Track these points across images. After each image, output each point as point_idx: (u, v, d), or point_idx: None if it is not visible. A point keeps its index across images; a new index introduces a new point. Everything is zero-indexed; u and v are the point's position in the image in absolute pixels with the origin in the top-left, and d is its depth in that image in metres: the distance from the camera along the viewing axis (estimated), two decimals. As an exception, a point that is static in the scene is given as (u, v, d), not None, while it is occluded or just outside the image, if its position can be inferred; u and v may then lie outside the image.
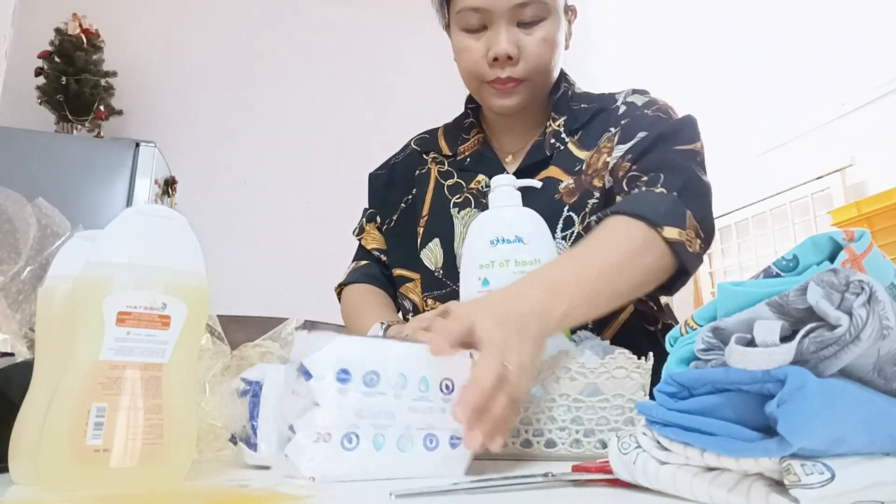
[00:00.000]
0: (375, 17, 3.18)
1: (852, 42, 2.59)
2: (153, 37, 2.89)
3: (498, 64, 0.87)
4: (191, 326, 0.49)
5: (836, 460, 0.33)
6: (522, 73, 0.87)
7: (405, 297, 1.02)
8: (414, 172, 1.06)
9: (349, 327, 1.05)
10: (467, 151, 1.02)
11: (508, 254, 0.73)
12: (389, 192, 1.07)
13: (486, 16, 0.86)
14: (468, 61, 0.89)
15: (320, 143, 3.01)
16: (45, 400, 0.45)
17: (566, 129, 0.95)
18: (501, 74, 0.87)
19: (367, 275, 1.07)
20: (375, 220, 1.09)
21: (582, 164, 0.92)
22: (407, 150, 1.11)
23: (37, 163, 2.22)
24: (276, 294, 2.49)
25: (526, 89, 0.90)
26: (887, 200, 2.12)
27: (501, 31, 0.85)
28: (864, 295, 0.33)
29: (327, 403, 0.47)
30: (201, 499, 0.42)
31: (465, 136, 1.03)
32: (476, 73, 0.89)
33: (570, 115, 0.96)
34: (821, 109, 2.71)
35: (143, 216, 0.49)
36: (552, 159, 0.94)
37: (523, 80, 0.88)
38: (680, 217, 0.76)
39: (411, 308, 1.02)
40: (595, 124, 0.95)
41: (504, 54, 0.85)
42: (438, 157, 1.05)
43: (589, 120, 0.95)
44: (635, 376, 0.63)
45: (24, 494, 0.43)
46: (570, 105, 0.97)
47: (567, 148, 0.95)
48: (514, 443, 0.64)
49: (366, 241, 1.10)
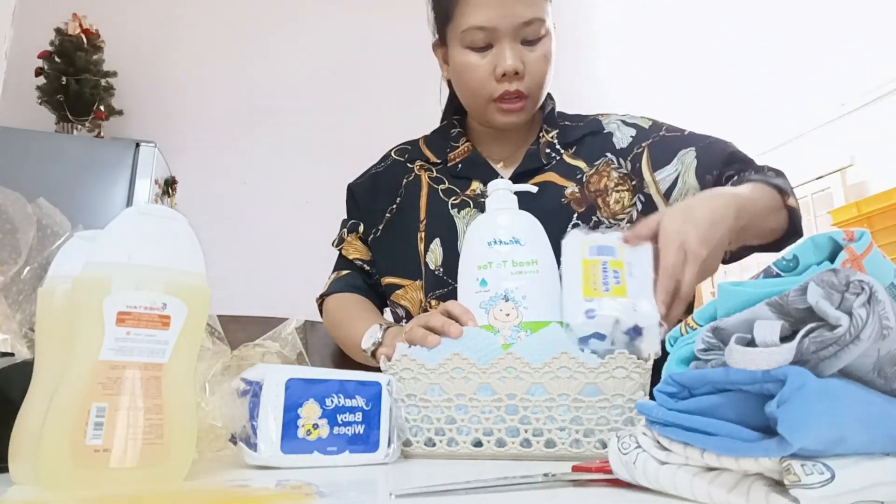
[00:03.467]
0: (376, 18, 3.18)
1: (852, 42, 2.59)
2: (153, 37, 2.89)
3: (506, 79, 0.90)
4: (191, 326, 0.49)
5: (836, 460, 0.33)
6: (527, 88, 0.92)
7: (397, 305, 1.03)
8: (399, 181, 1.07)
9: (336, 336, 1.06)
10: (458, 158, 1.04)
11: (506, 255, 0.74)
12: (374, 201, 1.08)
13: (491, 34, 0.89)
14: (475, 78, 0.92)
15: (320, 143, 3.01)
16: (45, 400, 0.45)
17: (560, 142, 1.01)
18: (511, 89, 0.91)
19: (350, 284, 1.07)
20: (358, 230, 1.09)
21: (582, 174, 0.98)
22: (388, 161, 1.11)
23: (37, 163, 2.22)
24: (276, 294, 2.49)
25: (529, 105, 0.95)
26: (887, 200, 2.12)
27: (509, 46, 0.89)
28: (864, 295, 0.33)
29: None
30: (201, 499, 0.42)
31: (453, 144, 1.05)
32: (483, 89, 0.92)
33: (561, 130, 1.02)
34: (821, 109, 2.71)
35: (143, 216, 0.49)
36: (548, 166, 0.99)
37: (527, 95, 0.93)
38: (793, 194, 0.90)
39: (404, 315, 1.02)
40: (588, 144, 1.01)
41: (512, 70, 0.89)
42: (426, 164, 1.06)
43: (580, 138, 1.01)
44: (635, 376, 0.63)
45: (24, 494, 0.43)
46: (557, 121, 1.04)
47: (563, 158, 1.00)
48: (514, 443, 0.64)
49: (346, 251, 1.09)
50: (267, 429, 0.54)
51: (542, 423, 0.64)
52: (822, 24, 2.73)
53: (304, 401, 0.56)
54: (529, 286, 0.73)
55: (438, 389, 0.65)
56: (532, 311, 0.72)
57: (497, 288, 0.73)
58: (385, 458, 0.59)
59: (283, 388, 0.55)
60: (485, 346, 0.67)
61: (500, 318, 0.72)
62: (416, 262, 0.99)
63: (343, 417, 0.58)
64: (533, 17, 0.89)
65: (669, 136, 0.99)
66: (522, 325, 0.71)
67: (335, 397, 0.58)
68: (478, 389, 0.65)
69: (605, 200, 0.96)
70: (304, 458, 0.55)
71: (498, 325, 0.71)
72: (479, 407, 0.65)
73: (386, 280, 1.03)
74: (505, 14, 0.88)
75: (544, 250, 0.76)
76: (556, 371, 0.63)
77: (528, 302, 0.72)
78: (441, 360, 0.65)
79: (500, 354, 0.65)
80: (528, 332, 0.70)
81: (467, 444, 0.65)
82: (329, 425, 0.57)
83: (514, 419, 0.64)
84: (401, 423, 0.62)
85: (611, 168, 0.98)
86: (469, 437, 0.65)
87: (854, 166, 2.57)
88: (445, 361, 0.65)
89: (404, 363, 0.66)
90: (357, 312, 1.00)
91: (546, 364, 0.63)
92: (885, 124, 2.46)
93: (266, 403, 0.55)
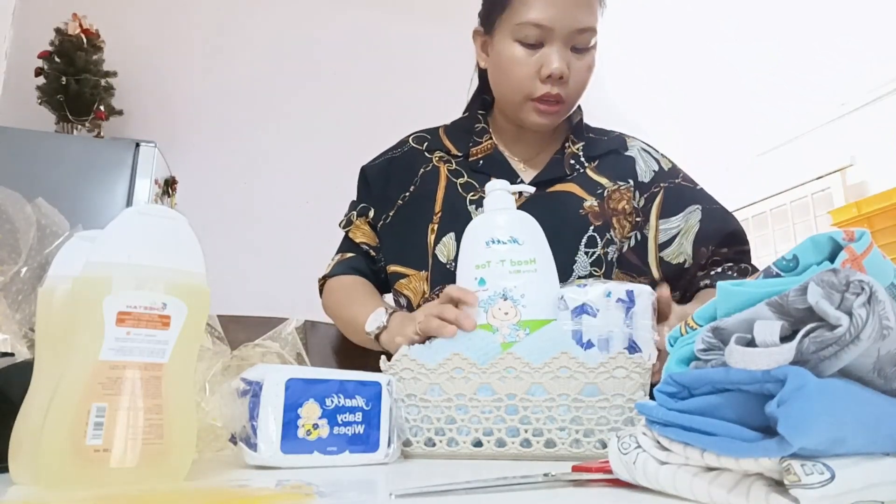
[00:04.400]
0: (378, 18, 3.18)
1: (852, 42, 2.59)
2: (153, 37, 2.89)
3: (550, 81, 0.91)
4: (191, 326, 0.49)
5: (836, 460, 0.33)
6: (566, 94, 0.92)
7: (400, 294, 1.03)
8: (415, 169, 1.06)
9: (337, 317, 1.05)
10: (480, 154, 1.03)
11: (504, 254, 0.74)
12: (387, 186, 1.07)
13: (546, 33, 0.89)
14: (519, 74, 0.92)
15: (320, 143, 3.01)
16: (45, 400, 0.45)
17: (584, 155, 1.03)
18: (552, 91, 0.91)
19: (353, 267, 1.07)
20: (367, 214, 1.08)
21: (604, 189, 0.99)
22: (405, 147, 1.10)
23: (37, 163, 2.22)
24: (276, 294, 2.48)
25: (564, 111, 0.96)
26: (887, 200, 2.12)
27: (559, 50, 0.90)
28: (864, 295, 0.33)
29: None
30: (201, 499, 0.42)
31: (476, 140, 1.04)
32: (525, 87, 0.92)
33: (588, 143, 1.04)
34: (821, 109, 2.71)
35: (143, 216, 0.49)
36: (570, 177, 1.01)
37: (565, 101, 0.93)
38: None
39: (405, 304, 1.02)
40: (611, 162, 1.03)
41: (559, 73, 0.89)
42: (446, 156, 1.06)
43: (603, 155, 1.03)
44: (635, 376, 0.63)
45: (24, 494, 0.43)
46: (584, 133, 1.05)
47: (585, 171, 1.01)
48: (514, 443, 0.64)
49: (354, 234, 1.09)
50: (267, 429, 0.54)
51: (542, 423, 0.64)
52: (822, 24, 2.73)
53: (304, 401, 0.56)
54: (528, 285, 0.73)
55: (438, 389, 0.65)
56: (530, 309, 0.72)
57: (495, 287, 0.73)
58: (385, 458, 0.59)
59: (283, 388, 0.55)
60: (484, 345, 0.68)
61: (498, 317, 0.72)
62: (424, 253, 0.99)
63: (343, 417, 0.58)
64: (588, 25, 0.90)
65: (684, 185, 1.03)
66: (521, 324, 0.71)
67: (335, 397, 0.58)
68: (478, 389, 0.65)
69: (619, 222, 0.98)
70: (304, 459, 0.55)
71: (497, 324, 0.72)
72: (479, 407, 0.65)
73: (392, 268, 1.03)
74: (564, 16, 0.88)
75: (542, 249, 0.77)
76: (556, 371, 0.63)
77: (526, 300, 0.72)
78: (441, 360, 0.65)
79: (500, 354, 0.65)
80: (527, 330, 0.71)
81: (467, 444, 0.65)
82: (329, 425, 0.57)
83: (514, 419, 0.64)
84: (401, 423, 0.62)
85: (630, 195, 1.00)
86: (469, 437, 0.65)
87: (854, 166, 2.57)
88: (445, 361, 0.65)
89: (404, 363, 0.66)
90: (360, 296, 1.00)
91: (546, 364, 0.63)
92: (885, 124, 2.46)
93: (266, 403, 0.55)
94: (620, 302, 0.71)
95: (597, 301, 0.71)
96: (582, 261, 0.94)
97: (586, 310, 0.71)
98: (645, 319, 0.72)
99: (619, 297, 0.71)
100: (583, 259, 0.94)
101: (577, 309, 0.71)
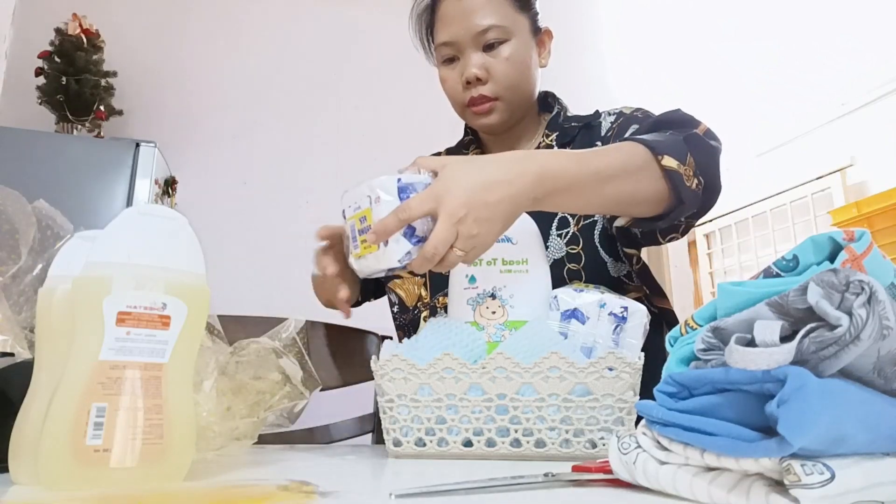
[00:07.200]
0: (376, 18, 3.18)
1: (852, 42, 2.59)
2: (153, 37, 2.89)
3: (470, 86, 0.97)
4: (191, 326, 0.49)
5: (836, 460, 0.33)
6: (493, 91, 0.96)
7: (392, 291, 1.06)
8: None
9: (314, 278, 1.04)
10: None
11: (496, 252, 0.75)
12: None
13: (455, 47, 0.97)
14: (450, 90, 1.01)
15: (320, 143, 3.01)
16: (45, 400, 0.45)
17: (557, 143, 1.04)
18: (475, 94, 0.96)
19: None
20: None
21: None
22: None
23: (37, 163, 2.22)
24: (276, 294, 2.48)
25: (502, 106, 0.98)
26: (887, 200, 2.12)
27: (470, 56, 0.96)
28: (864, 295, 0.33)
29: None
30: (201, 499, 0.42)
31: (464, 152, 1.12)
32: (457, 98, 1.00)
33: (562, 132, 1.05)
34: (821, 109, 2.71)
35: (143, 216, 0.49)
36: None
37: (496, 98, 0.97)
38: (680, 153, 0.76)
39: (397, 301, 1.05)
40: (583, 139, 1.03)
41: (472, 76, 0.95)
42: None
43: (576, 136, 1.04)
44: (625, 376, 0.63)
45: (24, 494, 0.43)
46: (561, 124, 1.06)
47: None
48: (504, 443, 0.64)
49: None
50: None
51: (532, 423, 0.64)
52: (822, 24, 2.72)
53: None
54: (517, 285, 0.73)
55: (429, 389, 0.65)
56: (518, 310, 0.72)
57: (485, 285, 0.74)
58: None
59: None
60: (471, 342, 0.68)
61: (486, 316, 0.72)
62: None
63: None
64: (490, 24, 0.94)
65: (636, 116, 0.97)
66: (507, 324, 0.72)
67: None
68: (468, 389, 0.65)
69: None
70: None
71: (483, 323, 0.72)
72: (470, 407, 0.65)
73: None
74: (461, 27, 0.95)
75: (536, 251, 0.76)
76: (546, 371, 0.63)
77: (515, 301, 0.73)
78: (431, 359, 0.65)
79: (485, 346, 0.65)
80: (513, 331, 0.71)
81: (457, 445, 0.65)
82: None
83: (504, 419, 0.64)
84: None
85: None
86: (459, 437, 0.65)
87: (854, 166, 2.57)
88: (436, 361, 0.65)
89: (395, 363, 0.66)
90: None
91: (536, 364, 0.63)
92: (885, 124, 2.46)
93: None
94: (613, 316, 0.71)
95: (589, 309, 0.71)
96: (556, 243, 0.95)
97: (577, 315, 0.71)
98: (633, 339, 0.71)
99: (612, 311, 0.71)
100: (556, 241, 0.95)
101: (567, 312, 0.71)
